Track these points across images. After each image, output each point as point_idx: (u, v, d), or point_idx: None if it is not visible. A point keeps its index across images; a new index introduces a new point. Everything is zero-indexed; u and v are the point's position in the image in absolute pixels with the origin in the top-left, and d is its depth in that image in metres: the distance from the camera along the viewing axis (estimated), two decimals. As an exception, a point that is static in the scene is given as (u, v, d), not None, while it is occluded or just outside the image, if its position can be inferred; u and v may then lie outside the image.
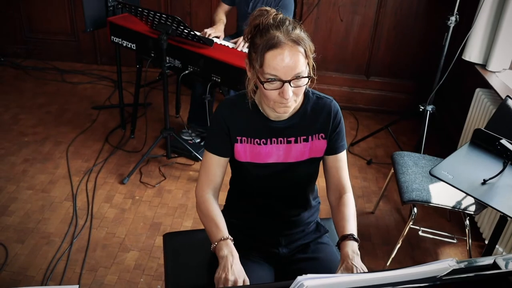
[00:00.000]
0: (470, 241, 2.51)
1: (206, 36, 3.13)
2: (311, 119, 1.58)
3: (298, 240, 1.73)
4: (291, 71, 1.37)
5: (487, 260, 1.11)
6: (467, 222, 2.47)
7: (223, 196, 1.80)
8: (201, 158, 3.26)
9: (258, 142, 1.57)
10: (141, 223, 2.81)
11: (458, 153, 1.93)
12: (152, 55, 3.14)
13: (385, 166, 3.42)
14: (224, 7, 3.52)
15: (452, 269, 0.82)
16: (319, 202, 1.82)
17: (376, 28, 4.01)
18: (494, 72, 3.10)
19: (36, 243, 2.60)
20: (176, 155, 3.45)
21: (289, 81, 1.38)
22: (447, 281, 0.82)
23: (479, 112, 3.03)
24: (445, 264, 0.82)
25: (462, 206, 2.38)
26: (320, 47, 4.09)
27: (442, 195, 2.43)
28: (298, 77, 1.39)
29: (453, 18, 3.07)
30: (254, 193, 1.68)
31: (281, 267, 1.71)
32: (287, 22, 1.41)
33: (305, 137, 1.58)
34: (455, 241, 2.76)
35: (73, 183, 3.08)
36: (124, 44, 3.28)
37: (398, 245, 2.54)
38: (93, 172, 3.21)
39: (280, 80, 1.38)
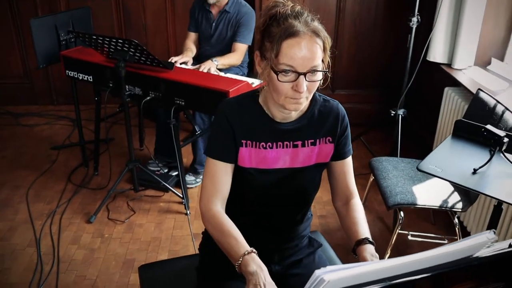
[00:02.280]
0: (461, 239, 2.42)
1: (175, 61, 3.08)
2: (319, 122, 1.48)
3: (291, 256, 1.61)
4: (307, 62, 1.27)
5: (503, 244, 0.99)
6: (456, 220, 2.38)
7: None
8: (171, 189, 3.14)
9: (264, 146, 1.44)
10: (113, 261, 2.60)
11: (442, 146, 1.85)
12: (111, 85, 3.00)
13: (362, 177, 3.33)
14: (191, 36, 3.49)
15: (491, 242, 0.70)
16: (312, 215, 1.70)
17: (337, 41, 3.99)
18: (461, 69, 3.09)
19: (-2, 296, 2.37)
20: (144, 188, 3.27)
21: (304, 74, 1.28)
22: (484, 260, 0.69)
23: (450, 110, 2.99)
24: (483, 238, 0.70)
25: (449, 205, 2.29)
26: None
27: (427, 196, 2.35)
28: (314, 70, 1.29)
29: (414, 19, 3.07)
30: (253, 202, 1.53)
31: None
32: (305, 14, 1.32)
33: (312, 140, 1.47)
34: (445, 242, 2.66)
35: (36, 227, 2.86)
36: (80, 77, 3.14)
37: (388, 254, 2.44)
38: (56, 214, 2.99)
39: (295, 71, 1.28)
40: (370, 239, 1.37)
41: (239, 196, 1.50)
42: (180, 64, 3.15)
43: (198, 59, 3.44)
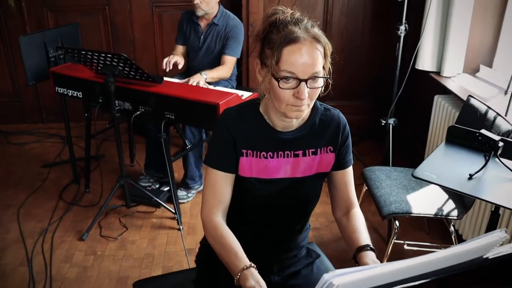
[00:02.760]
0: (457, 248, 2.41)
1: (166, 62, 3.11)
2: (320, 131, 1.46)
3: (290, 266, 1.59)
4: (308, 68, 1.26)
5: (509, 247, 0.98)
6: (452, 228, 2.37)
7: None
8: (163, 204, 3.11)
9: (265, 155, 1.42)
10: (106, 279, 2.56)
11: (436, 152, 1.84)
12: (100, 100, 2.97)
13: (355, 188, 3.32)
14: (179, 49, 3.48)
15: (503, 241, 0.68)
16: (309, 225, 1.68)
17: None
18: (450, 77, 3.11)
19: (-11, 319, 2.32)
20: (135, 204, 3.23)
21: (305, 80, 1.26)
22: (495, 260, 0.67)
23: (441, 118, 3.00)
24: (494, 237, 0.68)
25: (444, 212, 2.28)
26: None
27: (421, 204, 2.34)
28: (315, 77, 1.28)
29: (402, 28, 3.08)
30: (253, 211, 1.50)
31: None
32: (305, 20, 1.31)
33: (313, 149, 1.45)
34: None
35: (27, 246, 2.80)
36: (70, 94, 3.11)
37: (384, 264, 2.41)
38: (48, 232, 2.94)
39: (296, 78, 1.26)
40: (372, 246, 1.36)
41: (240, 206, 1.48)
42: (172, 64, 3.17)
43: (187, 72, 3.44)
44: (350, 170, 1.54)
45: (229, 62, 3.32)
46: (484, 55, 3.14)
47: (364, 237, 1.41)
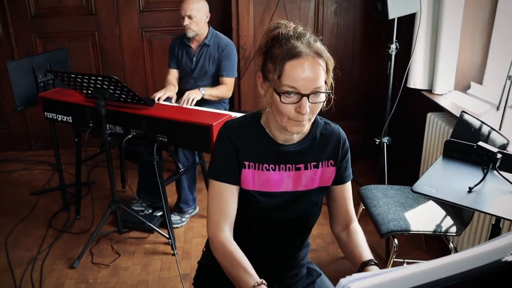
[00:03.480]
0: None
1: (156, 100, 3.03)
2: (321, 144, 1.45)
3: (291, 286, 1.55)
4: (310, 84, 1.25)
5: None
6: (452, 245, 2.34)
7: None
8: (156, 229, 3.05)
9: (267, 168, 1.41)
10: (99, 307, 2.48)
11: (434, 167, 1.83)
12: (91, 125, 2.94)
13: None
14: (173, 73, 3.47)
15: None
16: (309, 243, 1.65)
17: (316, 74, 4.00)
18: (441, 94, 3.12)
19: None
20: (128, 230, 3.17)
21: (307, 95, 1.26)
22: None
23: (435, 135, 3.00)
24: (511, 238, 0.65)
25: (443, 229, 2.25)
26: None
27: (420, 222, 2.31)
28: (317, 92, 1.27)
29: (393, 46, 3.10)
30: (253, 226, 1.47)
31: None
32: (308, 35, 1.30)
33: (315, 163, 1.44)
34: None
35: (16, 275, 2.72)
36: (60, 119, 3.07)
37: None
38: (38, 261, 2.86)
39: (298, 93, 1.26)
40: (375, 261, 1.33)
41: (240, 220, 1.44)
42: (164, 100, 3.12)
43: (180, 95, 3.42)
44: (349, 185, 1.53)
45: (229, 83, 3.33)
46: (474, 72, 3.16)
47: (366, 251, 1.39)
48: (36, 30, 4.14)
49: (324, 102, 1.32)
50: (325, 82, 1.30)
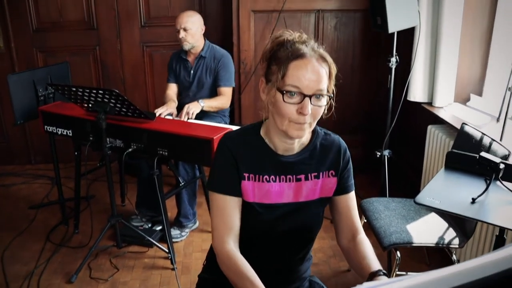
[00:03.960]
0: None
1: (159, 114, 3.03)
2: (321, 154, 1.45)
3: None
4: (313, 84, 1.26)
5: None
6: (455, 257, 2.32)
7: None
8: (156, 243, 3.02)
9: (267, 179, 1.39)
10: (98, 322, 2.45)
11: (437, 178, 1.81)
12: (91, 138, 2.93)
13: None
14: (172, 87, 3.48)
15: None
16: (311, 256, 1.63)
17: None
18: (442, 107, 3.12)
19: None
20: (127, 244, 3.14)
21: (309, 96, 1.26)
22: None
23: (435, 147, 2.99)
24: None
25: (446, 241, 2.23)
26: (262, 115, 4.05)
27: (422, 234, 2.29)
28: (319, 95, 1.28)
29: (393, 59, 3.11)
30: (254, 239, 1.44)
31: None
32: (312, 41, 1.34)
33: (316, 173, 1.43)
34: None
35: (12, 291, 2.69)
36: (59, 132, 3.06)
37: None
38: (35, 275, 2.82)
39: (301, 93, 1.27)
40: (384, 271, 1.30)
41: (241, 232, 1.42)
42: (165, 116, 3.12)
43: (180, 109, 3.42)
44: (352, 195, 1.51)
45: (227, 93, 3.34)
46: (474, 84, 3.17)
47: (375, 262, 1.36)
48: (37, 44, 4.16)
49: (325, 108, 1.32)
50: (327, 89, 1.31)
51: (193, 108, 3.08)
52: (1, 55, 4.13)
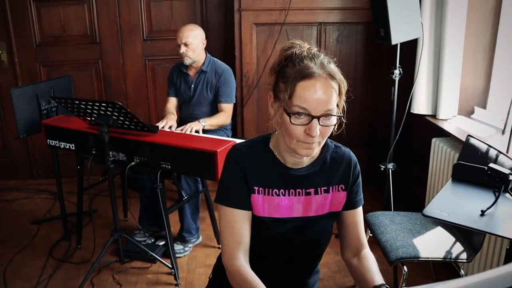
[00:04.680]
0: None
1: (161, 127, 3.02)
2: (331, 168, 1.42)
3: None
4: (321, 105, 1.22)
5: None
6: (463, 272, 2.28)
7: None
8: (159, 259, 2.98)
9: (277, 193, 1.37)
10: None
11: (444, 190, 1.79)
12: (94, 152, 2.91)
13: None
14: (172, 101, 3.47)
15: None
16: (319, 270, 1.60)
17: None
18: (446, 119, 3.10)
19: None
20: (129, 259, 3.11)
21: (318, 117, 1.23)
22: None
23: (440, 160, 2.97)
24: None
25: (453, 256, 2.20)
26: (265, 128, 4.03)
27: (429, 248, 2.26)
28: (328, 114, 1.24)
29: (397, 72, 3.10)
30: (262, 253, 1.42)
31: None
32: (322, 56, 1.28)
33: (325, 187, 1.41)
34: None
35: (14, 307, 2.66)
36: (62, 146, 3.04)
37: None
38: (37, 292, 2.79)
39: (309, 114, 1.23)
40: (387, 286, 1.28)
41: (249, 247, 1.39)
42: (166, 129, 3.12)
43: (181, 123, 3.41)
44: (360, 210, 1.49)
45: (228, 109, 3.33)
46: (478, 96, 3.16)
47: (378, 276, 1.35)
48: (40, 58, 4.17)
49: (335, 125, 1.29)
50: (337, 105, 1.28)
51: (195, 127, 3.06)
52: (4, 70, 4.14)
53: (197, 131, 3.09)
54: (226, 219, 1.36)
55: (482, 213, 1.58)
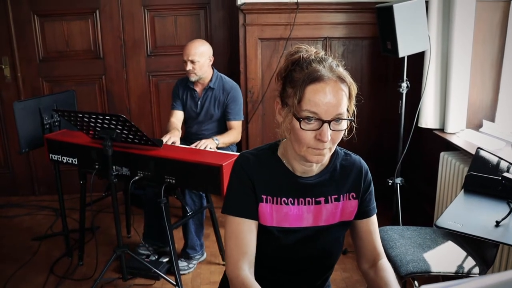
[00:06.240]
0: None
1: (164, 142, 2.96)
2: (342, 176, 1.38)
3: None
4: (332, 109, 1.19)
5: None
6: (475, 287, 2.21)
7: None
8: (163, 275, 2.92)
9: (286, 201, 1.32)
10: None
11: (457, 202, 1.75)
12: (97, 166, 2.87)
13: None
14: (177, 115, 3.40)
15: None
16: (330, 284, 1.55)
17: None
18: (454, 133, 3.06)
19: None
20: (132, 276, 3.04)
21: (329, 122, 1.19)
22: None
23: (449, 174, 2.92)
24: None
25: (465, 270, 2.14)
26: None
27: (440, 263, 2.20)
28: (339, 119, 1.20)
29: (404, 85, 3.06)
30: (271, 264, 1.37)
31: None
32: (330, 59, 1.25)
33: (336, 196, 1.36)
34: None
35: (14, 325, 2.59)
36: (65, 161, 3.01)
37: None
38: (37, 309, 2.73)
39: (319, 119, 1.19)
40: None
41: (258, 258, 1.34)
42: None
43: (186, 139, 3.37)
44: (374, 218, 1.43)
45: (238, 127, 3.31)
46: (486, 110, 3.13)
47: None
48: (43, 73, 4.16)
49: (345, 130, 1.25)
50: (347, 109, 1.24)
51: (210, 144, 3.00)
52: (7, 84, 4.13)
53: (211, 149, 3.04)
54: (232, 229, 1.32)
55: (497, 224, 1.54)
